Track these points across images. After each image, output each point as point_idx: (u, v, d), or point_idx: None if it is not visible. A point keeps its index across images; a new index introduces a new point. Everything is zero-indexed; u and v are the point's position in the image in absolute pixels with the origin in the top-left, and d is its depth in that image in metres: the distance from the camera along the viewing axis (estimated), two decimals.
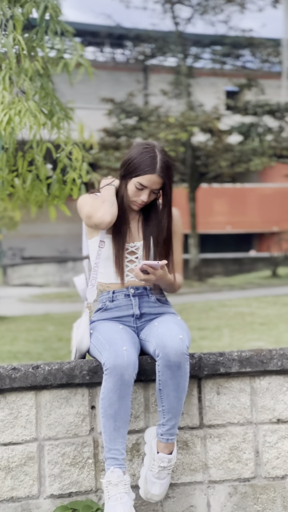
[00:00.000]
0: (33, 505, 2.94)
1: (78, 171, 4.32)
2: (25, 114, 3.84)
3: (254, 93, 22.92)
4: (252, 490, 3.05)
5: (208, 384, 3.06)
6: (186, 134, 18.69)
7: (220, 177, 21.64)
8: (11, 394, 2.94)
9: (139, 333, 3.02)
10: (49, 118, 4.22)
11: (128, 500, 2.73)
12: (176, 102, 23.38)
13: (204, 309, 13.92)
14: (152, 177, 2.97)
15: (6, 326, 12.68)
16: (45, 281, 25.83)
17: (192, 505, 3.02)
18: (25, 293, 20.85)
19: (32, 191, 4.40)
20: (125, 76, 31.62)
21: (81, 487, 2.98)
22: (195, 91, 24.46)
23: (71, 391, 2.99)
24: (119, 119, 21.47)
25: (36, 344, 10.16)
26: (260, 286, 19.76)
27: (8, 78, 3.92)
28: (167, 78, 25.94)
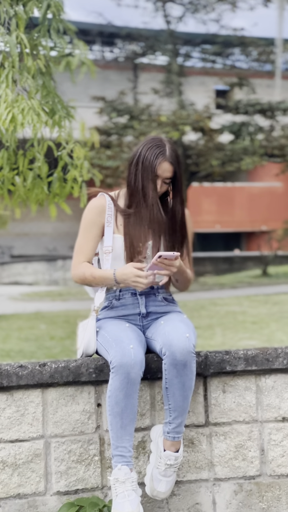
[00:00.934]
0: (40, 502, 2.95)
1: (79, 169, 4.33)
2: (28, 112, 3.85)
3: (245, 92, 22.97)
4: (257, 488, 3.07)
5: (214, 382, 3.07)
6: (177, 133, 18.71)
7: (211, 176, 21.68)
8: (18, 391, 2.95)
9: (145, 331, 3.03)
10: (50, 117, 4.23)
11: (135, 497, 2.75)
12: (167, 101, 23.39)
13: (195, 308, 13.94)
14: (163, 165, 2.97)
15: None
16: (35, 280, 25.79)
17: (198, 503, 3.04)
18: (15, 291, 20.80)
19: (33, 189, 4.41)
20: (114, 74, 31.59)
21: (87, 484, 2.99)
22: (185, 90, 24.48)
23: (78, 388, 3.00)
24: (110, 117, 21.45)
25: (28, 343, 10.15)
26: (251, 285, 19.82)
27: (11, 77, 3.92)
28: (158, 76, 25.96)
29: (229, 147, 20.46)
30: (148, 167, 2.95)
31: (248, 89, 22.68)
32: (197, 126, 19.65)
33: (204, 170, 21.01)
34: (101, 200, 3.08)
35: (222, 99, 23.79)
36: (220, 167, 20.53)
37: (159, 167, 2.96)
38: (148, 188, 2.97)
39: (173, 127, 18.79)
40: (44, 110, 4.12)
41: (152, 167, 2.95)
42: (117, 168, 18.97)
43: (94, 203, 3.08)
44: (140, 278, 2.86)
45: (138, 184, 2.98)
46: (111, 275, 2.93)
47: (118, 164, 18.78)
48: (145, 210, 2.99)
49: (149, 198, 2.97)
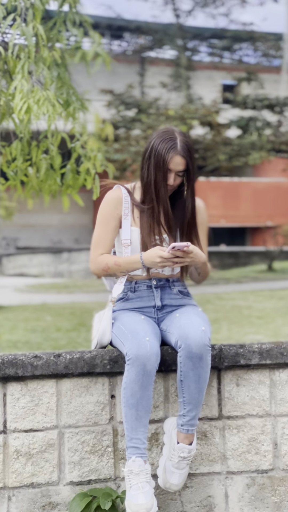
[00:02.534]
0: (53, 492, 2.96)
1: (93, 161, 4.33)
2: (44, 103, 3.84)
3: (252, 87, 22.92)
4: (270, 481, 3.07)
5: (228, 376, 3.08)
6: (185, 127, 18.67)
7: (218, 170, 21.64)
8: (32, 381, 2.96)
9: (159, 324, 3.03)
10: (65, 108, 4.22)
11: (149, 489, 2.75)
12: (175, 95, 23.35)
13: (201, 302, 13.94)
14: (175, 159, 2.96)
15: (4, 315, 12.68)
16: (40, 272, 25.82)
17: (210, 495, 3.05)
18: (20, 283, 20.84)
19: (46, 180, 4.40)
20: (123, 67, 31.53)
21: (100, 475, 3.00)
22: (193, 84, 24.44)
23: (92, 380, 3.01)
24: (118, 110, 21.42)
25: (35, 334, 10.17)
26: (256, 280, 19.81)
27: (26, 68, 3.92)
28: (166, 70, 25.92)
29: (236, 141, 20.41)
30: (160, 162, 2.95)
31: (256, 84, 22.62)
32: (205, 121, 19.61)
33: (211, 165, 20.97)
34: (117, 193, 3.08)
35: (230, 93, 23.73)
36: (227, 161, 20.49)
37: (171, 161, 2.96)
38: (160, 184, 2.97)
39: (181, 121, 18.75)
40: (58, 102, 4.11)
41: (164, 161, 2.95)
42: (125, 161, 18.95)
43: (110, 196, 3.08)
44: (164, 257, 2.87)
45: (150, 178, 2.98)
46: (138, 258, 2.95)
47: (126, 157, 18.76)
48: (157, 205, 2.99)
49: (161, 193, 2.98)
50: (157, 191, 2.98)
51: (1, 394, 2.94)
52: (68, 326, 10.84)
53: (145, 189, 3.02)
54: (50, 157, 4.35)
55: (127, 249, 3.04)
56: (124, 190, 3.08)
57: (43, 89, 3.92)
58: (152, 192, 2.99)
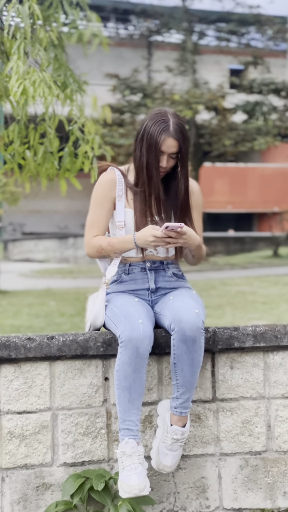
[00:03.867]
0: (47, 473, 2.97)
1: (91, 144, 4.30)
2: (40, 84, 3.81)
3: (259, 71, 22.78)
4: (263, 463, 3.08)
5: (222, 358, 3.07)
6: (190, 112, 18.60)
7: (224, 156, 21.56)
8: (25, 363, 2.96)
9: (153, 306, 3.02)
10: (62, 90, 4.19)
11: (142, 470, 2.76)
12: (181, 79, 23.23)
13: (205, 288, 13.94)
14: (167, 141, 2.94)
15: (8, 300, 12.71)
16: (46, 257, 25.86)
17: (203, 477, 3.05)
18: (26, 268, 20.88)
19: (43, 163, 4.38)
20: (128, 52, 31.37)
21: (94, 456, 3.00)
22: (199, 68, 24.30)
23: (85, 362, 3.00)
24: (123, 95, 21.35)
25: (38, 319, 10.20)
26: (261, 266, 19.79)
27: (22, 48, 3.89)
28: (172, 54, 25.75)
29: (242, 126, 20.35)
30: (152, 144, 2.93)
31: (263, 68, 22.49)
32: (211, 105, 19.52)
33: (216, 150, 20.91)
34: (111, 175, 3.07)
35: (237, 78, 23.59)
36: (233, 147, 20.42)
37: (163, 143, 2.93)
38: (152, 166, 2.95)
39: (186, 105, 18.67)
40: (55, 83, 4.08)
41: (157, 143, 2.93)
42: (130, 146, 18.91)
43: (104, 178, 3.07)
44: (157, 236, 2.85)
45: (143, 160, 2.97)
46: (130, 238, 2.93)
47: (131, 142, 18.72)
48: (149, 188, 2.98)
49: (153, 176, 2.96)
50: (149, 173, 2.96)
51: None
52: (72, 311, 10.86)
53: (138, 171, 3.00)
54: (47, 140, 4.32)
55: (121, 231, 3.03)
56: (118, 172, 3.07)
57: (40, 71, 3.89)
58: (144, 174, 2.97)
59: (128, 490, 2.74)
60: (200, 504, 3.05)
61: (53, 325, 9.55)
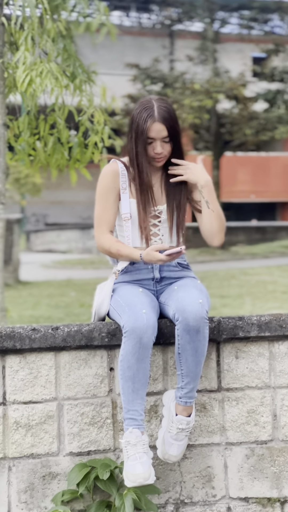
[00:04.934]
0: (53, 462, 2.99)
1: (100, 135, 4.31)
2: (47, 75, 3.82)
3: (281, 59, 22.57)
4: (269, 452, 3.07)
5: (227, 348, 3.07)
6: (211, 101, 18.50)
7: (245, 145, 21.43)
8: (31, 354, 2.98)
9: (158, 296, 3.02)
10: (71, 80, 4.20)
11: (147, 459, 2.77)
12: (202, 68, 23.10)
13: (226, 277, 13.91)
14: (153, 126, 2.93)
15: (29, 291, 12.79)
16: (68, 248, 25.93)
17: (209, 466, 3.05)
18: (47, 259, 20.98)
19: (53, 154, 4.40)
20: (150, 41, 31.25)
21: (100, 446, 3.02)
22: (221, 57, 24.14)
23: (90, 352, 3.01)
24: (143, 85, 21.29)
25: (57, 309, 10.25)
26: (283, 255, 19.68)
27: (30, 39, 3.90)
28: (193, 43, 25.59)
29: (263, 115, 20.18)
30: (139, 132, 2.93)
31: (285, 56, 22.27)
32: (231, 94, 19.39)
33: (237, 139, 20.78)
34: (113, 166, 3.06)
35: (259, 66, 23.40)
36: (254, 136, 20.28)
37: (150, 130, 2.92)
38: (141, 156, 2.96)
39: (207, 95, 18.57)
40: (64, 74, 4.09)
41: (143, 131, 2.92)
42: None
43: (107, 169, 3.07)
44: (163, 260, 2.86)
45: (133, 151, 2.97)
46: (137, 256, 2.92)
47: None
48: (140, 179, 2.98)
49: (143, 166, 2.96)
50: (139, 163, 2.97)
51: (0, 367, 2.97)
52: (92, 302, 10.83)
53: (131, 163, 3.00)
54: (57, 131, 4.34)
55: (127, 223, 3.03)
56: (120, 164, 3.06)
57: (47, 61, 3.89)
58: (135, 165, 2.98)
59: (133, 479, 2.76)
60: (206, 493, 3.06)
61: (72, 315, 9.60)
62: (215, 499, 3.06)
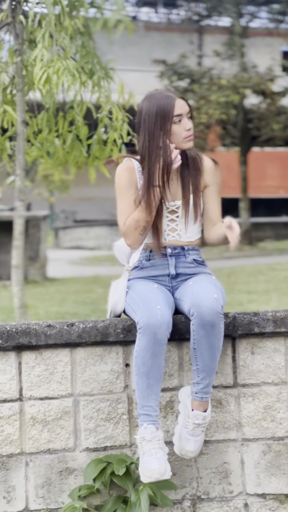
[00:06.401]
0: (69, 457, 3.01)
1: (119, 132, 4.31)
2: (63, 72, 3.83)
3: None
4: (286, 448, 3.05)
5: (243, 344, 3.05)
6: (238, 97, 18.40)
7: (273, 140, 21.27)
8: (46, 350, 3.00)
9: (174, 292, 3.02)
10: (89, 77, 4.21)
11: (162, 455, 2.77)
12: (229, 64, 22.97)
13: (253, 273, 13.82)
14: (178, 102, 2.94)
15: (56, 287, 12.84)
16: (97, 244, 25.99)
17: (226, 462, 3.04)
18: (76, 255, 21.06)
19: (72, 151, 4.41)
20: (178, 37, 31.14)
21: (116, 441, 3.03)
22: (249, 52, 23.97)
23: (106, 348, 3.02)
24: (170, 81, 21.24)
25: (84, 306, 10.28)
26: None
27: (48, 36, 3.91)
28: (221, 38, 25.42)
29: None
30: (164, 115, 2.91)
31: None
32: (258, 89, 19.26)
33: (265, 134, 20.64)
34: (129, 163, 3.06)
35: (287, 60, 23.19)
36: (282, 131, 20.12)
37: (176, 107, 2.92)
38: (165, 136, 2.92)
39: (234, 90, 18.47)
40: (82, 71, 4.10)
41: (170, 110, 2.91)
42: None
43: (123, 167, 3.05)
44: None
45: (152, 138, 2.92)
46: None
47: None
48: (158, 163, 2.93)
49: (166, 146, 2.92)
50: (183, 145, 2.96)
51: (16, 363, 2.99)
52: None
53: (147, 153, 2.95)
54: (76, 128, 4.35)
55: None
56: (135, 162, 3.05)
57: (64, 58, 3.90)
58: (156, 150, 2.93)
59: (149, 474, 2.76)
60: (223, 489, 3.05)
61: (98, 311, 9.61)
62: (232, 495, 3.05)
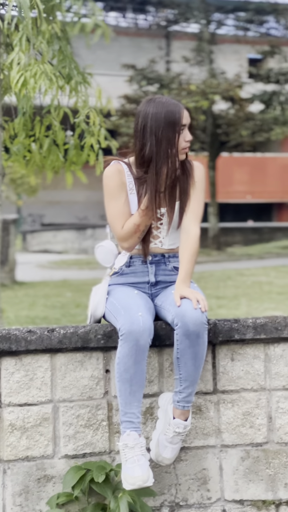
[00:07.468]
0: (48, 465, 2.98)
1: (96, 137, 4.29)
2: (41, 76, 3.81)
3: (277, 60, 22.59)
4: (264, 454, 3.07)
5: (223, 350, 3.06)
6: (207, 102, 18.51)
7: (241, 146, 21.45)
8: (26, 356, 2.97)
9: (153, 299, 3.02)
10: (67, 82, 4.19)
11: (145, 462, 2.76)
12: (198, 70, 23.11)
13: (222, 278, 13.91)
14: (185, 112, 2.93)
15: (25, 291, 12.76)
16: (64, 248, 25.91)
17: (205, 468, 3.05)
18: (44, 259, 20.95)
19: (49, 156, 4.39)
20: (147, 42, 31.24)
21: (95, 448, 3.02)
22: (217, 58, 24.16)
23: (86, 354, 3.01)
24: (140, 86, 21.29)
25: (54, 310, 10.23)
26: (279, 256, 19.70)
27: (25, 40, 3.88)
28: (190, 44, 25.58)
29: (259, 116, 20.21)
30: (174, 124, 2.88)
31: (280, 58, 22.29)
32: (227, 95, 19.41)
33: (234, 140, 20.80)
34: (118, 166, 3.02)
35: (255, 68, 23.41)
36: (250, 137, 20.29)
37: (183, 116, 2.91)
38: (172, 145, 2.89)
39: (203, 96, 18.58)
40: (60, 75, 4.08)
41: (179, 120, 2.89)
42: None
43: (112, 169, 3.01)
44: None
45: (158, 144, 2.89)
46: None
47: None
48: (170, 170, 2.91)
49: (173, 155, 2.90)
50: (167, 154, 2.90)
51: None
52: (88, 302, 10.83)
53: (151, 158, 2.91)
54: (53, 133, 4.33)
55: None
56: (124, 165, 3.03)
57: (41, 63, 3.88)
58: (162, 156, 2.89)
59: (132, 481, 2.75)
60: (202, 495, 3.06)
61: (69, 316, 9.58)
62: (210, 502, 3.06)
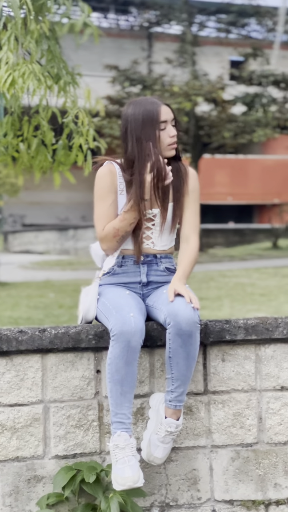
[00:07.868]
0: (38, 465, 2.98)
1: (85, 137, 4.28)
2: (29, 76, 3.79)
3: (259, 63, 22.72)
4: (254, 455, 3.08)
5: (214, 351, 3.07)
6: (190, 104, 18.56)
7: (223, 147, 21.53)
8: (17, 356, 2.96)
9: (145, 299, 3.02)
10: (55, 82, 4.17)
11: (135, 462, 2.76)
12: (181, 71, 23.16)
13: (204, 279, 13.95)
14: (163, 109, 2.95)
15: (7, 292, 12.72)
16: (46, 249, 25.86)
17: (195, 469, 3.06)
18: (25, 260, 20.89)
19: (37, 156, 4.36)
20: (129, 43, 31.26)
21: (86, 448, 3.01)
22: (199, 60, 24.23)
23: (77, 355, 3.01)
24: (123, 86, 21.30)
25: (37, 311, 10.21)
26: (261, 258, 19.80)
27: (14, 39, 3.86)
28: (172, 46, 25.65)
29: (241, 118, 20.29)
30: (152, 121, 2.91)
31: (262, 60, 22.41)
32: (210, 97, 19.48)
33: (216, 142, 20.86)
34: (110, 167, 3.03)
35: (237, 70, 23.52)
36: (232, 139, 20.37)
37: (161, 113, 2.93)
38: (155, 141, 2.92)
39: (186, 97, 18.62)
40: (48, 75, 4.06)
41: (156, 116, 2.92)
42: None
43: (104, 170, 3.02)
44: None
45: (140, 144, 2.92)
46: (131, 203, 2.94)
47: None
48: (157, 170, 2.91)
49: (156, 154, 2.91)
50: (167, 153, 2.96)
51: None
52: (71, 303, 10.87)
53: (136, 158, 2.94)
54: (41, 133, 4.31)
55: None
56: (116, 165, 3.04)
57: (30, 62, 3.87)
58: (145, 155, 2.92)
59: (122, 482, 2.75)
60: (192, 496, 3.06)
61: (52, 316, 9.56)
62: (200, 502, 3.07)
